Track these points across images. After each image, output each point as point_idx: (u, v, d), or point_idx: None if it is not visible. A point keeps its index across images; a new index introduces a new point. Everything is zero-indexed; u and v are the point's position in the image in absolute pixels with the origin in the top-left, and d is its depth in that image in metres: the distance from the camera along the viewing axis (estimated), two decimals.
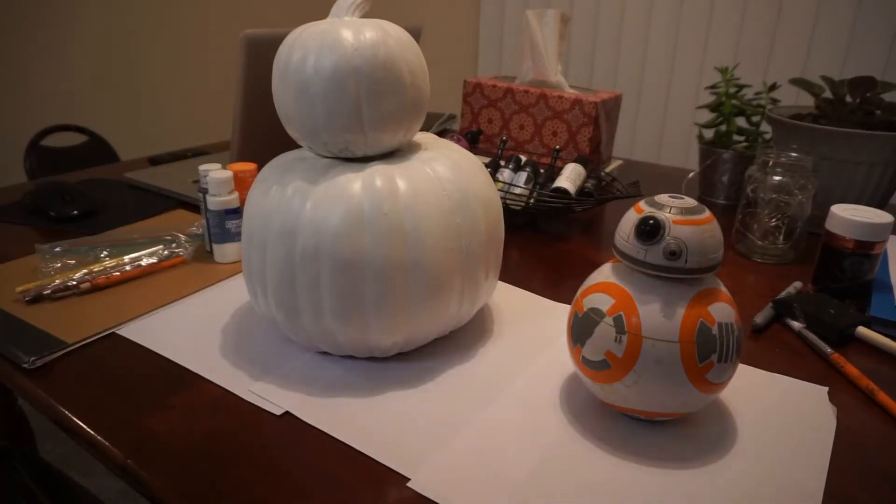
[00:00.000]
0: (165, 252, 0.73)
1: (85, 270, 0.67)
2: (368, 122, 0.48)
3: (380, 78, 0.47)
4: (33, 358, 0.53)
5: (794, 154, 0.76)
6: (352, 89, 0.47)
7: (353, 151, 0.50)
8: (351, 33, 0.47)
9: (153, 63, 2.11)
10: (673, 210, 0.42)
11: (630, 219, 0.44)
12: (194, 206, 0.92)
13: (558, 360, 0.55)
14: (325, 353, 0.55)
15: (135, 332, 0.58)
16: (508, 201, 0.84)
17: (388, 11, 2.57)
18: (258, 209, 0.50)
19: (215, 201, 0.70)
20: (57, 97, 1.90)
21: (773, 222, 0.77)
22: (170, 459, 0.43)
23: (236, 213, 0.71)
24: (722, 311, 0.42)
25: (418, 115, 0.52)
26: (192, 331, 0.58)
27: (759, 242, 0.78)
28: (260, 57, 0.80)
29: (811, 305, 0.62)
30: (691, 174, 1.07)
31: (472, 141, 1.04)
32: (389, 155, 0.52)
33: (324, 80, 0.47)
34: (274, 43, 0.82)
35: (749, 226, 0.79)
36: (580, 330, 0.45)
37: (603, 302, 0.44)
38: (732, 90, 0.99)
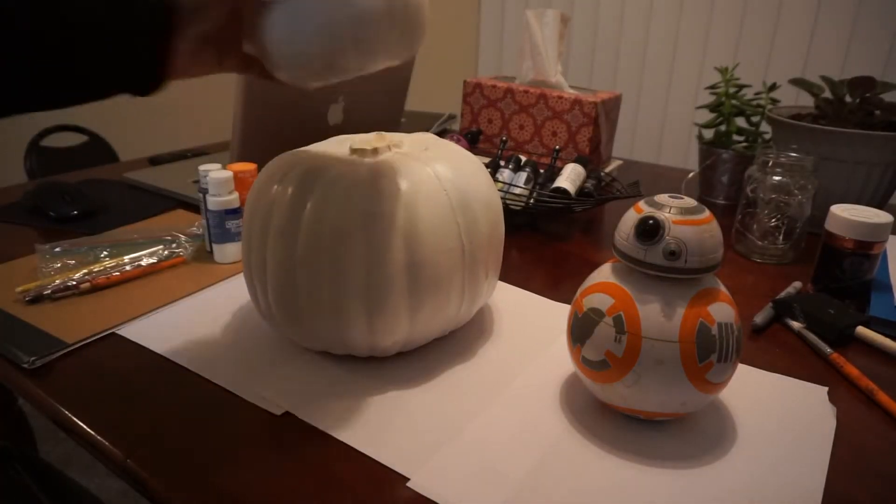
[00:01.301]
0: (165, 252, 0.73)
1: (85, 270, 0.67)
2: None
3: None
4: (33, 358, 0.53)
5: (793, 154, 0.76)
6: None
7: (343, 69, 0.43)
8: None
9: None
10: (673, 210, 0.42)
11: (630, 219, 0.44)
12: (194, 206, 0.92)
13: (558, 360, 0.55)
14: (325, 353, 0.55)
15: (135, 332, 0.58)
16: (508, 201, 0.84)
17: None
18: (258, 209, 0.50)
19: (215, 201, 0.70)
20: None
21: (773, 222, 0.77)
22: (169, 459, 0.43)
23: (236, 213, 0.71)
24: (722, 311, 0.42)
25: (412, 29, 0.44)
26: (192, 331, 0.58)
27: (759, 242, 0.78)
28: None
29: (811, 305, 0.62)
30: (691, 174, 1.07)
31: (472, 141, 1.05)
32: (390, 154, 0.52)
33: None
34: None
35: (749, 226, 0.79)
36: (580, 330, 0.45)
37: (603, 302, 0.44)
38: (732, 90, 0.99)
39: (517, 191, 0.84)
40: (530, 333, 0.59)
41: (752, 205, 0.78)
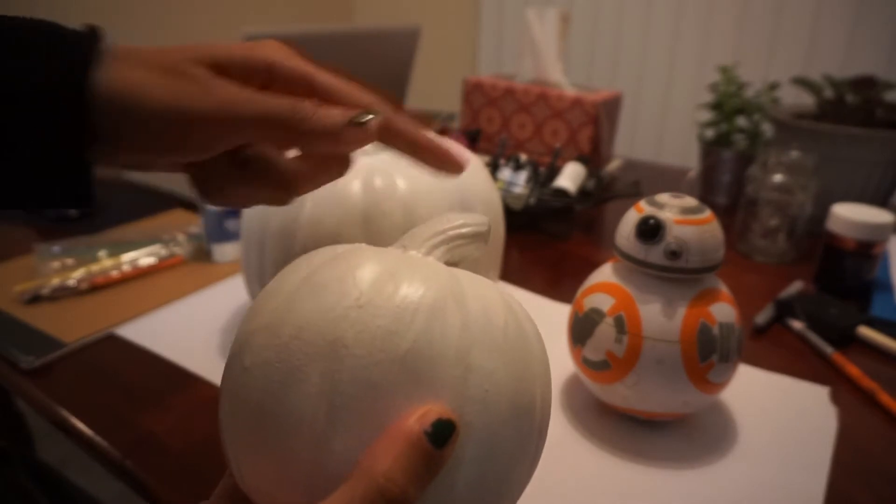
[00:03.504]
0: (164, 252, 0.72)
1: (83, 270, 0.67)
2: None
3: None
4: (31, 358, 0.52)
5: (794, 153, 0.76)
6: None
7: None
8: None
9: None
10: (673, 210, 0.42)
11: (630, 218, 0.43)
12: (193, 206, 0.92)
13: (558, 361, 0.54)
14: None
15: (133, 332, 0.58)
16: (508, 201, 0.83)
17: (388, 11, 2.56)
18: (257, 208, 0.50)
19: None
20: None
21: (774, 222, 0.77)
22: (168, 460, 0.42)
23: (234, 212, 0.71)
24: (723, 310, 0.42)
25: None
26: (191, 331, 0.58)
27: (760, 242, 0.78)
28: None
29: (812, 305, 0.62)
30: (691, 172, 1.06)
31: (472, 140, 1.04)
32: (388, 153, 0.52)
33: None
34: None
35: (750, 225, 0.79)
36: (580, 330, 0.45)
37: (603, 302, 0.43)
38: (733, 89, 0.98)
39: (517, 191, 0.84)
40: None
41: (754, 204, 0.78)
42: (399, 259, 0.25)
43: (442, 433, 0.20)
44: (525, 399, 0.23)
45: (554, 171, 0.89)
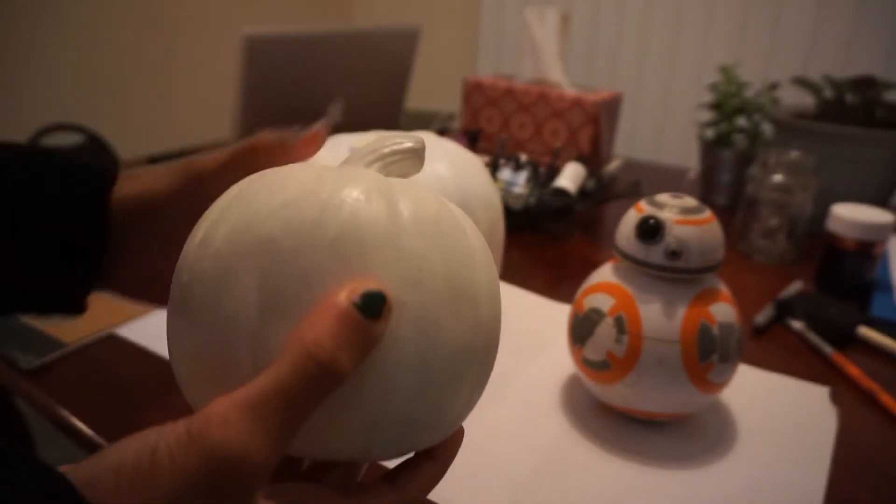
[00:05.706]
0: None
1: None
2: None
3: None
4: (31, 358, 0.52)
5: (794, 153, 0.76)
6: None
7: None
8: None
9: (153, 62, 2.11)
10: (673, 210, 0.42)
11: (630, 218, 0.43)
12: None
13: (558, 360, 0.54)
14: None
15: (134, 332, 0.58)
16: (508, 201, 0.83)
17: (388, 12, 2.56)
18: None
19: None
20: (55, 96, 1.90)
21: (774, 222, 0.77)
22: None
23: None
24: (723, 310, 0.42)
25: None
26: None
27: (760, 242, 0.78)
28: (260, 57, 0.80)
29: (812, 305, 0.62)
30: (691, 173, 1.06)
31: (472, 140, 1.04)
32: None
33: None
34: (274, 43, 0.82)
35: (750, 225, 0.79)
36: (581, 330, 0.45)
37: (603, 302, 0.43)
38: (733, 89, 0.98)
39: (517, 191, 0.84)
40: (530, 333, 0.59)
41: (754, 204, 0.78)
42: (332, 168, 0.25)
43: (371, 304, 0.21)
44: (464, 283, 0.23)
45: (554, 171, 0.89)
